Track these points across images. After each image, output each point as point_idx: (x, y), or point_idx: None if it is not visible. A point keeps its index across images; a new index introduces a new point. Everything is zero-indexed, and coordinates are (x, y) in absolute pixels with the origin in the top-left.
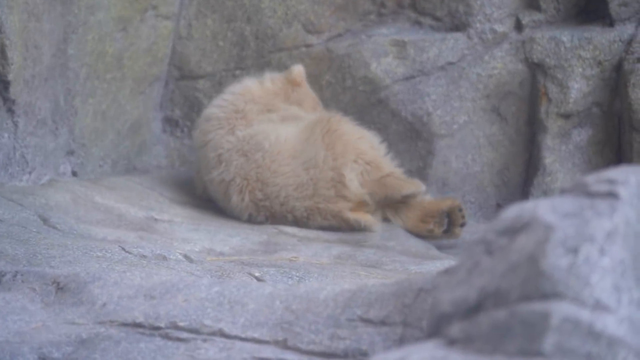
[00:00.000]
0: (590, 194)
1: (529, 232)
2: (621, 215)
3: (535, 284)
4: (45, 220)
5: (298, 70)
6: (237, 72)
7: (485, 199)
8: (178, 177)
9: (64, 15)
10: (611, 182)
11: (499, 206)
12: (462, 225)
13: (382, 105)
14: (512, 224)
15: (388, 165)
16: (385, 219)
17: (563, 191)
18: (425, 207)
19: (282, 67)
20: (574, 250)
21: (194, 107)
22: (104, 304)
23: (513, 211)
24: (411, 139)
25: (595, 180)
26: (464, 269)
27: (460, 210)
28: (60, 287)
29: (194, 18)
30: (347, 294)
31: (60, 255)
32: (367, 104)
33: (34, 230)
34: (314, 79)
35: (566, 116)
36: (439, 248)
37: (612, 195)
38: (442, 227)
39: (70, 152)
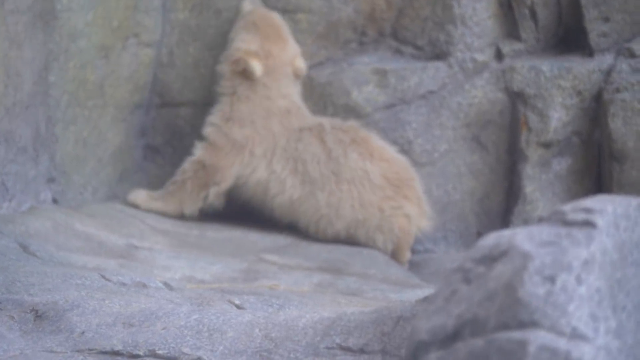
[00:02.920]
0: (568, 223)
1: (506, 261)
2: (598, 244)
3: (513, 312)
4: (24, 248)
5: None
6: None
7: (466, 227)
8: None
9: (46, 43)
10: (588, 211)
11: (480, 234)
12: None
13: None
14: (489, 252)
15: None
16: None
17: (540, 220)
18: None
19: None
20: (551, 279)
21: (175, 135)
22: (83, 332)
23: (491, 239)
24: None
25: (572, 209)
26: (441, 297)
27: None
28: (38, 315)
29: (176, 45)
30: (327, 321)
31: (39, 283)
32: None
33: (13, 257)
34: None
35: (546, 145)
36: (420, 276)
37: (589, 224)
38: None
39: (51, 180)
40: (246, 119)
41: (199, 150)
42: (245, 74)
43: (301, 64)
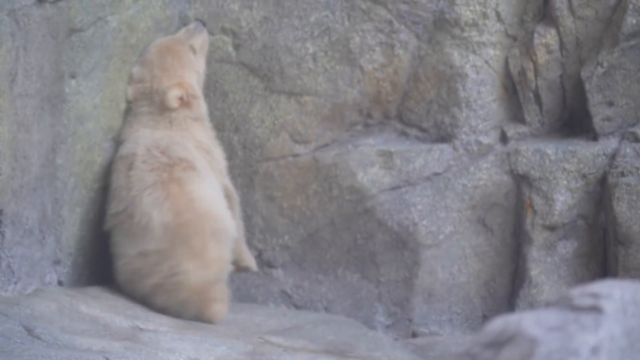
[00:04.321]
0: (575, 308)
1: (513, 346)
2: (606, 330)
3: None
4: (29, 331)
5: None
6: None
7: (472, 310)
8: None
9: (54, 126)
10: (595, 296)
11: (486, 317)
12: None
13: (369, 214)
14: (497, 337)
15: None
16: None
17: (548, 304)
18: None
19: (270, 176)
20: None
21: None
22: None
23: (498, 324)
24: (397, 249)
25: (580, 294)
26: None
27: None
28: None
29: None
30: None
31: None
32: (353, 213)
33: (18, 341)
34: (300, 188)
35: (551, 228)
36: (425, 359)
37: (596, 310)
38: None
39: (57, 262)
40: None
41: None
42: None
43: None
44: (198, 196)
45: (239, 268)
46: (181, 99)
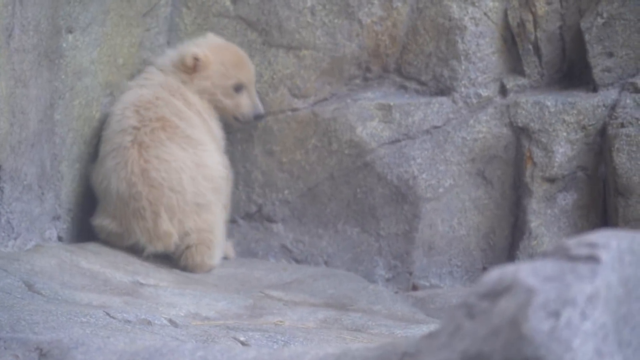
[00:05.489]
0: (572, 258)
1: (510, 296)
2: (602, 279)
3: (517, 347)
4: (30, 286)
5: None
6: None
7: (472, 262)
8: None
9: (51, 81)
10: (592, 245)
11: (485, 270)
12: None
13: (368, 168)
14: (493, 288)
15: None
16: None
17: (544, 254)
18: None
19: (269, 131)
20: (556, 314)
21: None
22: None
23: (494, 274)
24: (397, 203)
25: (577, 243)
26: (445, 332)
27: None
28: (43, 354)
29: None
30: (331, 358)
31: (44, 321)
32: (353, 167)
33: (18, 296)
34: (300, 143)
35: (551, 180)
36: (426, 312)
37: (593, 259)
38: None
39: (56, 217)
40: None
41: None
42: None
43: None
44: (157, 165)
45: None
46: (197, 61)
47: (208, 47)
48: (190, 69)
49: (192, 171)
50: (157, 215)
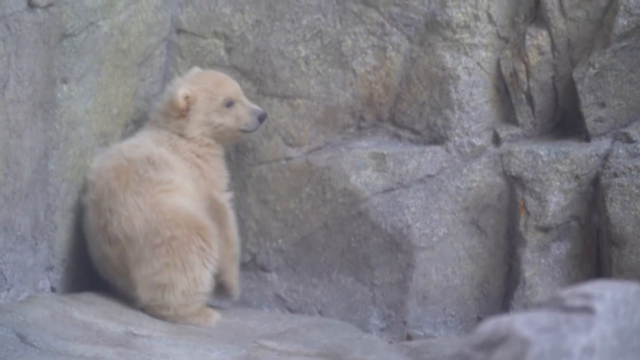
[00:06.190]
0: (567, 309)
1: (506, 347)
2: (597, 330)
3: None
4: (22, 338)
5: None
6: None
7: (466, 312)
8: None
9: (46, 131)
10: (587, 296)
11: (480, 319)
12: None
13: (362, 217)
14: (489, 338)
15: None
16: None
17: (539, 305)
18: None
19: (263, 179)
20: None
21: None
22: None
23: (490, 325)
24: (391, 251)
25: (571, 294)
26: None
27: None
28: None
29: None
30: None
31: None
32: (347, 216)
33: (11, 348)
34: (294, 192)
35: (545, 229)
36: None
37: (588, 310)
38: None
39: (50, 268)
40: None
41: None
42: None
43: None
44: (111, 218)
45: (219, 286)
46: (187, 98)
47: (189, 82)
48: (185, 110)
49: (147, 214)
50: (127, 269)
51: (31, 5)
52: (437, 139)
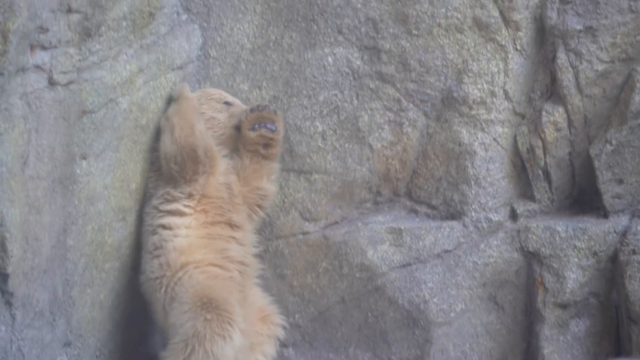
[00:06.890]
0: None
1: None
2: None
3: None
4: None
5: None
6: None
7: None
8: None
9: (64, 207)
10: None
11: None
12: None
13: (379, 292)
14: None
15: None
16: None
17: None
18: None
19: (280, 254)
20: None
21: None
22: None
23: None
24: (408, 327)
25: None
26: None
27: None
28: None
29: None
30: None
31: None
32: (364, 291)
33: None
34: (311, 266)
35: (563, 306)
36: None
37: None
38: None
39: (67, 344)
40: None
41: None
42: None
43: None
44: None
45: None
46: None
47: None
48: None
49: None
50: None
51: (52, 83)
52: (454, 214)
